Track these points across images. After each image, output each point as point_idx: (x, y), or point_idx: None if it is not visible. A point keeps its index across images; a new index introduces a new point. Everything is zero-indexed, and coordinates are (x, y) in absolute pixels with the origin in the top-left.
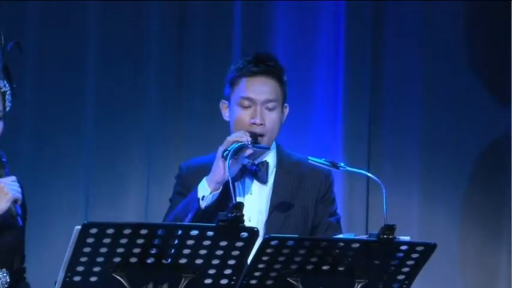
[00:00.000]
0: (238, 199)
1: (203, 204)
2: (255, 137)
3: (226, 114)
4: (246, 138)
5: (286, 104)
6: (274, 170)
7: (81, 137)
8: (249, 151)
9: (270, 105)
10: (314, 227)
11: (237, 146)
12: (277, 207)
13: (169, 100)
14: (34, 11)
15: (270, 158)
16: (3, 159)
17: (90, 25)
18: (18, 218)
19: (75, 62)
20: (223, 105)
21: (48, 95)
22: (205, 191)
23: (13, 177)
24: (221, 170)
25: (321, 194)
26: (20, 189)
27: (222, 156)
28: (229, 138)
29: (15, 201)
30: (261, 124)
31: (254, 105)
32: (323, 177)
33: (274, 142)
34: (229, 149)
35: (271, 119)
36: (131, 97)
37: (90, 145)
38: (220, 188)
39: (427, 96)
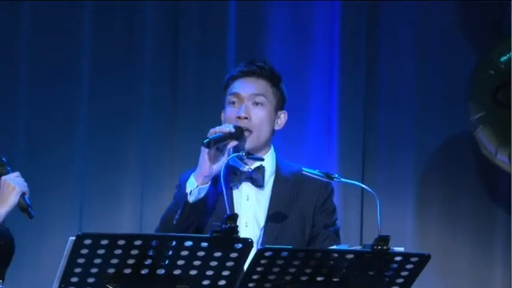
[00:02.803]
0: (235, 204)
1: (191, 198)
2: (239, 129)
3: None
4: (229, 130)
5: (284, 111)
6: (273, 176)
7: (75, 148)
8: (232, 143)
9: (257, 99)
10: (313, 237)
11: (217, 135)
12: (275, 214)
13: (164, 112)
14: (28, 14)
15: (267, 163)
16: (3, 159)
17: (84, 32)
18: (29, 209)
19: (68, 73)
20: (222, 115)
21: (41, 105)
22: (192, 185)
23: (17, 173)
24: (206, 162)
25: (319, 202)
26: (25, 183)
27: (202, 144)
28: (212, 130)
29: (23, 194)
30: (246, 118)
31: (241, 101)
32: (322, 186)
33: (272, 148)
34: (209, 137)
35: (258, 115)
36: (125, 109)
37: (85, 157)
38: (209, 182)
39: (422, 106)
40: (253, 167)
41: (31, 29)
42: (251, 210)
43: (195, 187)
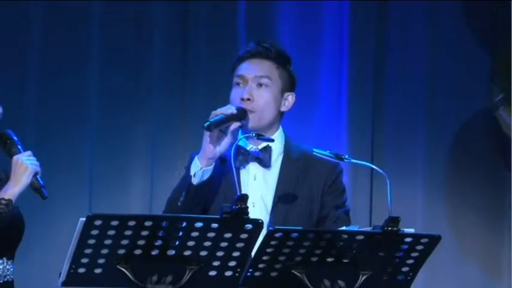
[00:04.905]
0: (242, 184)
1: (195, 180)
2: (242, 111)
3: None
4: (231, 111)
5: (291, 93)
6: (281, 156)
7: (85, 130)
8: (235, 124)
9: (261, 80)
10: (322, 219)
11: (217, 118)
12: (283, 194)
13: (173, 94)
14: (38, 7)
15: (275, 143)
16: (14, 137)
17: (94, 18)
18: (42, 189)
19: (79, 56)
20: None
21: (52, 88)
22: (197, 167)
23: (28, 152)
24: (209, 145)
25: (327, 183)
26: (37, 162)
27: (203, 127)
28: (214, 112)
29: (35, 174)
30: (249, 99)
31: (245, 83)
32: (330, 166)
33: (281, 129)
34: (210, 120)
35: (261, 96)
36: (135, 91)
37: (94, 138)
38: (213, 164)
39: (430, 89)
40: (260, 147)
41: (42, 17)
42: (258, 190)
43: (198, 169)
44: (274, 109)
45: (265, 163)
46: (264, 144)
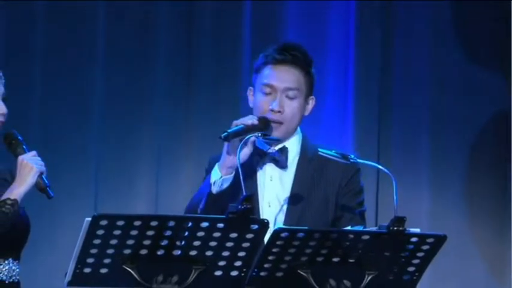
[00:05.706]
0: (259, 184)
1: (214, 189)
2: (264, 121)
3: (251, 101)
4: (252, 122)
5: (312, 96)
6: (297, 157)
7: (90, 131)
8: (256, 134)
9: (291, 93)
10: (336, 219)
11: (236, 128)
12: (298, 195)
13: (178, 94)
14: (41, 7)
15: (291, 144)
16: (19, 137)
17: (98, 19)
18: (48, 189)
19: (83, 56)
20: (249, 92)
21: (56, 88)
22: (217, 175)
23: (33, 152)
24: (229, 154)
25: (343, 183)
26: (42, 162)
27: (220, 138)
28: (234, 122)
29: (41, 174)
30: (279, 111)
31: (275, 93)
32: (345, 166)
33: (299, 130)
34: (228, 130)
35: (290, 108)
36: (140, 92)
37: (100, 139)
38: (233, 172)
39: (436, 89)
40: (276, 148)
41: (46, 18)
42: (274, 190)
43: (218, 178)
44: (300, 117)
45: (281, 164)
46: (281, 145)
